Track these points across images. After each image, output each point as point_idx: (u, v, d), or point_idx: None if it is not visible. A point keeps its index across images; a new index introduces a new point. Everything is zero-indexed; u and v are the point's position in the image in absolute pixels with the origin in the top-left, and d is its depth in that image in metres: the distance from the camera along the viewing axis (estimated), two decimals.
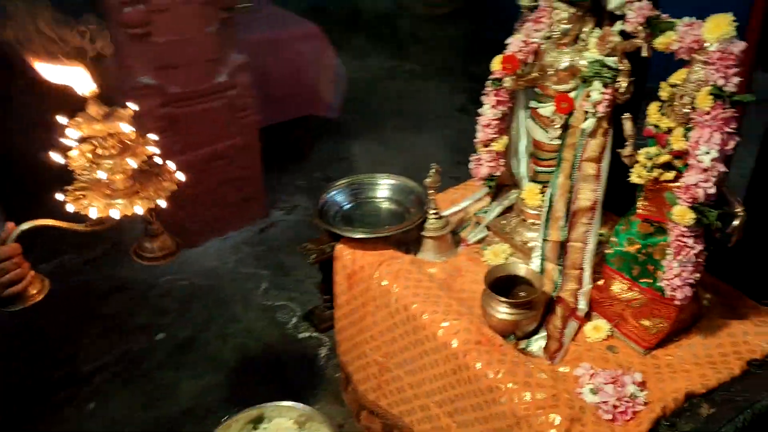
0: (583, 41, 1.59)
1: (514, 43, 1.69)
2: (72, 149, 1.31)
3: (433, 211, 1.86)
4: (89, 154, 1.32)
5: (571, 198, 1.65)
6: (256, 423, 1.87)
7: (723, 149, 1.32)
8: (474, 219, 1.99)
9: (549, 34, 1.65)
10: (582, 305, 1.64)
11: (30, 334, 2.66)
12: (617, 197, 1.66)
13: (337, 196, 2.01)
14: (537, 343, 1.60)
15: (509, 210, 1.93)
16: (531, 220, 1.81)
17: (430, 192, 1.85)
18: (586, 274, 1.66)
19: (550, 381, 1.45)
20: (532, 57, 1.68)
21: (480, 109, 1.82)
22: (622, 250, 1.58)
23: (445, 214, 1.94)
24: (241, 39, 3.01)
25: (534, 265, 1.70)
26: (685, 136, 1.37)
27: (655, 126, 1.44)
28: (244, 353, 2.63)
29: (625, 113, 1.48)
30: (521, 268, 1.65)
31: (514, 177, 1.94)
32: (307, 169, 3.92)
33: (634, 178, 1.46)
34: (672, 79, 1.42)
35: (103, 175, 1.31)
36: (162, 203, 1.38)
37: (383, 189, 2.04)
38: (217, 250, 3.22)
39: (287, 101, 3.64)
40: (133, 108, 1.34)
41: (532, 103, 1.73)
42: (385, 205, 2.02)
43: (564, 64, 1.61)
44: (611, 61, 1.51)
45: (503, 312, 1.57)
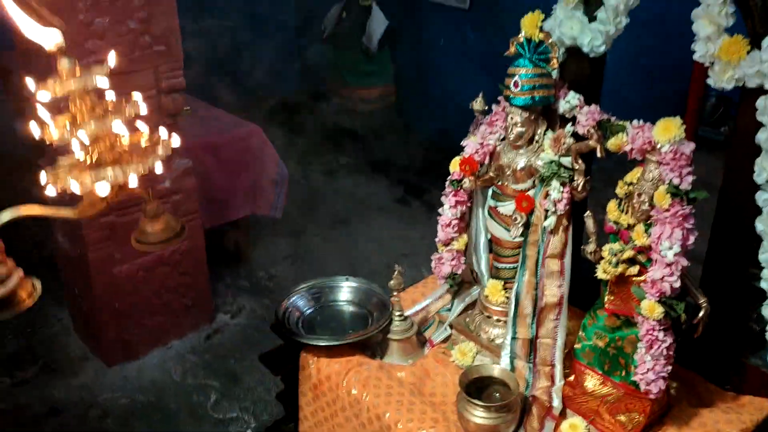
0: (538, 142, 1.65)
1: (471, 145, 1.74)
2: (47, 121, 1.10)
3: (398, 314, 1.84)
4: (68, 125, 1.10)
5: (536, 295, 1.67)
6: None
7: (684, 244, 1.37)
8: (437, 318, 1.98)
9: (504, 136, 1.71)
10: (556, 403, 1.62)
11: None
12: (577, 291, 1.69)
13: (298, 301, 1.96)
14: None
15: (471, 306, 1.93)
16: (495, 317, 1.81)
17: (394, 294, 1.83)
18: (557, 370, 1.66)
19: None
20: (488, 158, 1.74)
21: (440, 210, 1.84)
22: (591, 344, 1.59)
23: (408, 314, 1.92)
24: (183, 143, 2.99)
25: (504, 364, 1.68)
26: (646, 232, 1.42)
27: (616, 223, 1.49)
28: None
29: (586, 211, 1.53)
30: (494, 369, 1.63)
31: (475, 273, 1.95)
32: (251, 269, 3.85)
33: (601, 274, 1.49)
34: (628, 178, 1.49)
35: (84, 138, 1.08)
36: (159, 168, 1.16)
37: (344, 292, 2.01)
38: (160, 361, 3.06)
39: (230, 202, 3.61)
40: (112, 61, 1.16)
41: (491, 202, 1.77)
42: (348, 308, 1.98)
43: (521, 165, 1.66)
44: (567, 161, 1.57)
45: (481, 416, 1.53)
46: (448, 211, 1.83)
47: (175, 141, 1.25)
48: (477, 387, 1.60)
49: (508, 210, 1.71)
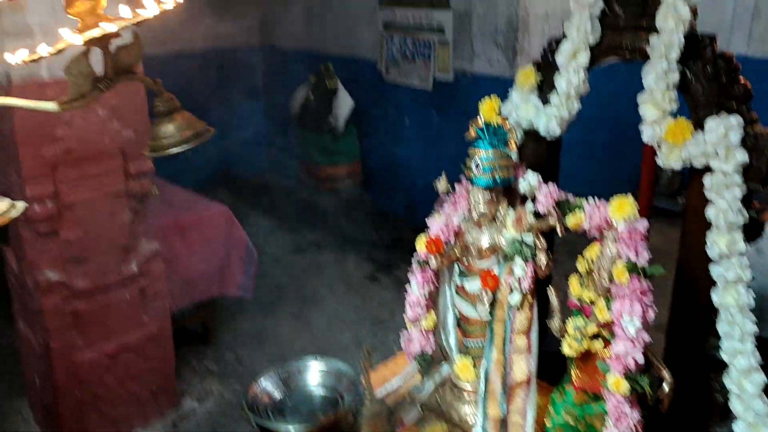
0: (500, 220, 1.70)
1: (435, 225, 1.78)
2: None
3: (368, 395, 1.82)
4: None
5: (506, 371, 1.68)
6: None
7: (645, 318, 1.41)
8: (408, 398, 1.96)
9: (467, 216, 1.76)
10: None
11: None
12: (545, 364, 1.71)
13: (267, 386, 1.93)
14: None
15: (441, 384, 1.93)
16: (466, 395, 1.81)
17: (364, 375, 1.82)
18: None
19: None
20: (453, 237, 1.78)
21: (407, 287, 1.86)
22: (562, 422, 1.60)
23: (379, 395, 1.91)
24: (151, 225, 3.00)
25: None
26: (608, 308, 1.46)
27: (579, 299, 1.53)
28: None
29: (548, 286, 1.57)
30: None
31: (444, 351, 1.96)
32: (217, 350, 3.78)
33: (566, 351, 1.52)
34: (587, 254, 1.54)
35: None
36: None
37: (314, 374, 1.99)
38: None
39: (198, 284, 3.58)
40: None
41: (458, 280, 1.80)
42: (318, 391, 1.96)
43: (485, 244, 1.70)
44: (529, 239, 1.62)
45: None
46: (416, 290, 1.85)
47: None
48: None
49: (475, 287, 1.74)
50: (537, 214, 1.67)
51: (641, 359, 1.41)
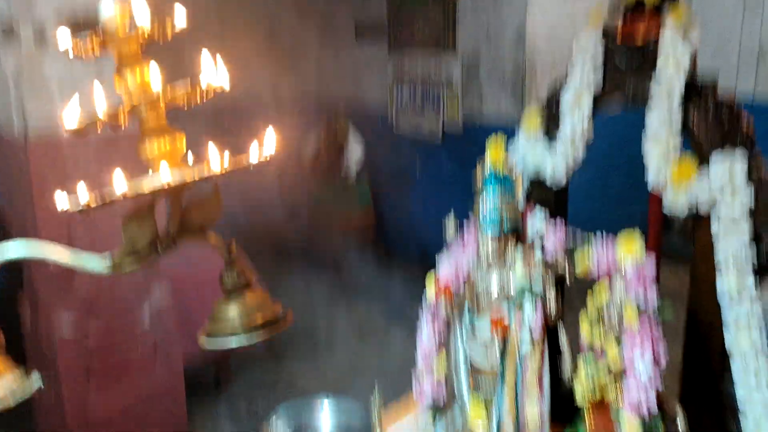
0: (510, 262, 1.71)
1: (445, 270, 1.79)
2: None
3: None
4: None
5: (518, 417, 1.66)
6: None
7: (657, 362, 1.40)
8: None
9: (476, 260, 1.76)
10: None
11: None
12: (556, 407, 1.69)
13: (279, 425, 1.92)
14: None
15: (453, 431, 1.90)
16: None
17: (376, 415, 1.81)
18: None
19: None
20: (463, 285, 1.78)
21: (418, 337, 1.86)
22: None
23: None
24: (161, 277, 3.02)
25: None
26: (619, 355, 1.45)
27: (590, 345, 1.52)
28: None
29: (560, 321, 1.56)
30: None
31: (455, 395, 1.94)
32: (230, 398, 3.76)
33: (580, 401, 1.50)
34: (597, 298, 1.54)
35: None
36: None
37: (325, 412, 1.98)
38: None
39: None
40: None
41: (468, 326, 1.79)
42: (330, 430, 1.94)
43: (495, 292, 1.71)
44: (538, 288, 1.62)
45: None
46: (427, 340, 1.84)
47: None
48: None
49: (485, 329, 1.73)
50: (546, 263, 1.68)
51: (654, 406, 1.39)
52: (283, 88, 5.92)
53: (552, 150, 1.81)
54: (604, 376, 1.46)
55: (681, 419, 1.48)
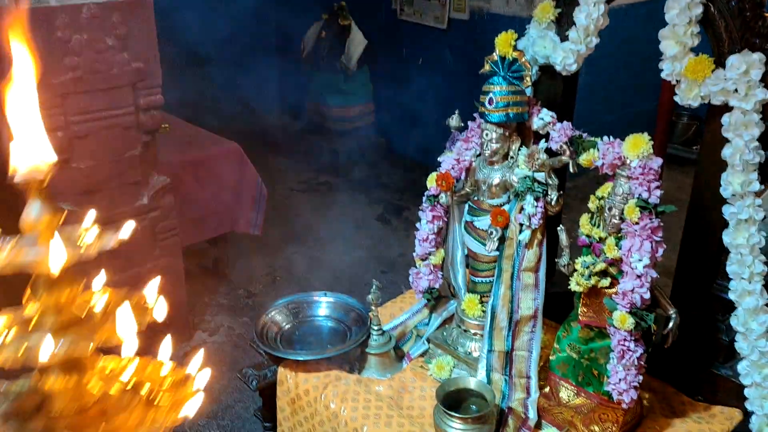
0: (513, 158, 1.69)
1: (447, 161, 1.77)
2: None
3: (376, 328, 1.85)
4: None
5: (512, 308, 1.69)
6: None
7: (653, 256, 1.41)
8: (415, 332, 1.99)
9: (479, 152, 1.74)
10: (532, 414, 1.64)
11: None
12: (552, 305, 1.72)
13: (276, 316, 1.96)
14: None
15: (448, 321, 1.95)
16: (473, 331, 1.83)
17: (372, 308, 1.85)
18: (533, 382, 1.68)
19: None
20: (464, 174, 1.77)
21: (417, 224, 1.87)
22: (566, 356, 1.62)
23: (386, 328, 1.94)
24: (162, 160, 3.00)
25: (480, 377, 1.70)
26: (617, 245, 1.45)
27: (588, 236, 1.52)
28: None
29: (560, 225, 1.57)
30: (471, 381, 1.65)
31: (451, 288, 1.97)
32: (229, 286, 3.84)
33: (574, 287, 1.52)
34: (599, 193, 1.53)
35: None
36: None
37: (323, 307, 2.02)
38: None
39: (209, 220, 3.61)
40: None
41: (467, 217, 1.80)
42: (326, 323, 1.99)
43: (496, 181, 1.70)
44: (541, 176, 1.61)
45: (457, 429, 1.54)
46: (426, 226, 1.85)
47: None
48: (454, 400, 1.62)
49: (484, 225, 1.73)
50: (550, 152, 1.66)
51: (647, 296, 1.42)
52: None
53: (564, 38, 1.74)
54: (599, 265, 1.47)
55: (674, 318, 1.51)
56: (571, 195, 3.66)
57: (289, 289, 3.50)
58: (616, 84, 5.10)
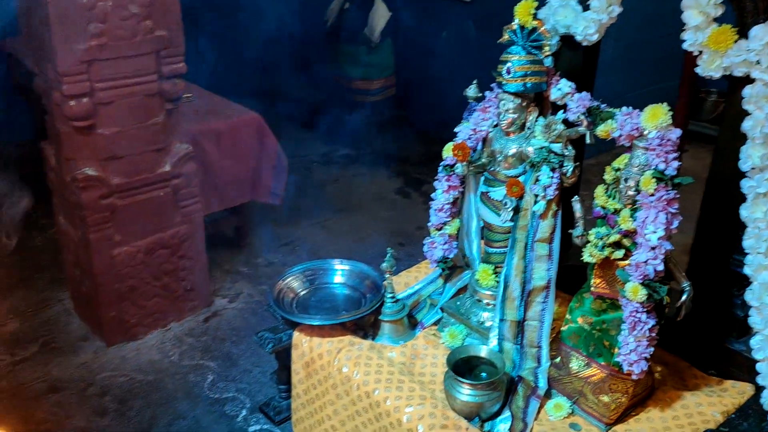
0: (529, 129, 1.69)
1: (464, 131, 1.77)
2: None
3: (390, 295, 1.87)
4: None
5: (525, 278, 1.70)
6: None
7: (668, 228, 1.40)
8: (429, 301, 2.01)
9: (496, 123, 1.74)
10: (542, 383, 1.66)
11: None
12: (565, 276, 1.72)
13: (293, 282, 1.99)
14: (502, 424, 1.60)
15: (462, 291, 1.97)
16: (486, 300, 1.84)
17: (387, 276, 1.87)
18: (544, 351, 1.70)
19: None
20: (481, 144, 1.77)
21: (433, 194, 1.88)
22: (577, 326, 1.63)
23: (401, 297, 1.96)
24: (185, 128, 3.03)
25: (492, 345, 1.72)
26: (631, 217, 1.45)
27: (603, 208, 1.52)
28: None
29: (575, 196, 1.56)
30: (482, 349, 1.67)
31: (466, 258, 1.99)
32: (249, 255, 3.89)
33: (587, 257, 1.53)
34: (616, 164, 1.52)
35: None
36: None
37: (338, 274, 2.05)
38: (159, 343, 3.10)
39: (230, 188, 3.64)
40: None
41: (483, 187, 1.80)
42: (341, 290, 2.02)
43: (512, 151, 1.69)
44: (557, 147, 1.60)
45: (467, 394, 1.57)
46: (441, 196, 1.86)
47: None
48: (465, 367, 1.64)
49: (499, 195, 1.74)
50: (567, 123, 1.65)
51: (661, 267, 1.41)
52: None
53: (586, 7, 1.72)
54: (614, 236, 1.47)
55: (687, 291, 1.51)
56: (593, 171, 3.63)
57: (308, 259, 3.54)
58: (639, 61, 5.02)
